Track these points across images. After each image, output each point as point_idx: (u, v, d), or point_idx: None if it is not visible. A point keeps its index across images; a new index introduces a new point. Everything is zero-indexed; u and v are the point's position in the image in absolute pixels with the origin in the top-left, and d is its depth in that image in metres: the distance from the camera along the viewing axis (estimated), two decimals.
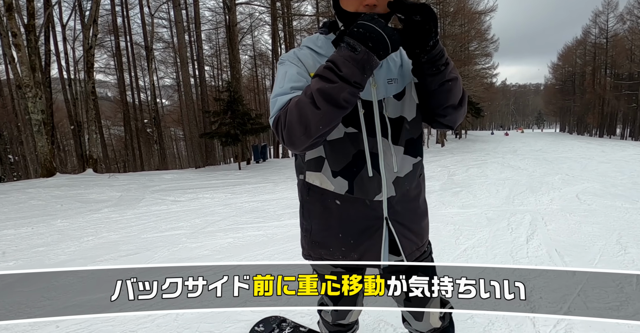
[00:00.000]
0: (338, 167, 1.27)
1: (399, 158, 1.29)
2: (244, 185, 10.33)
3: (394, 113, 1.27)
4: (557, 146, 25.14)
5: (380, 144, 1.25)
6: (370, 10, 1.14)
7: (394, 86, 1.28)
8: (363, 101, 1.22)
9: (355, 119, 1.23)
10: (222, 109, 14.23)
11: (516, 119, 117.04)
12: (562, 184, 8.56)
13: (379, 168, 1.26)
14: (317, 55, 1.26)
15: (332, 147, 1.26)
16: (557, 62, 58.15)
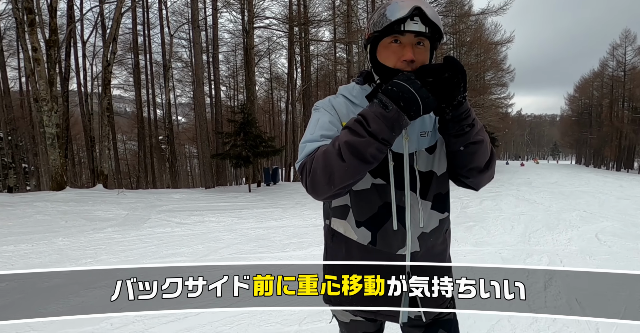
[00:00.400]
0: (363, 217, 1.26)
1: (425, 212, 1.27)
2: (251, 209, 10.18)
3: (425, 167, 1.27)
4: (573, 179, 24.55)
5: (407, 198, 1.24)
6: (408, 66, 1.16)
7: (426, 139, 1.27)
8: (394, 153, 1.22)
9: (384, 171, 1.22)
10: (235, 131, 14.25)
11: (531, 149, 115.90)
12: (580, 221, 8.22)
13: (404, 222, 1.24)
14: (351, 104, 1.28)
15: (358, 197, 1.26)
16: (574, 93, 57.83)
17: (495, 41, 28.01)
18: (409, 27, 1.14)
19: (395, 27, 1.15)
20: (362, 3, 25.04)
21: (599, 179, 25.35)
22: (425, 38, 1.19)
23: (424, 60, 1.19)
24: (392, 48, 1.19)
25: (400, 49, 1.18)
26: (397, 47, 1.18)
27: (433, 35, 1.19)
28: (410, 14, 1.12)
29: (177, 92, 36.42)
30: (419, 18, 1.14)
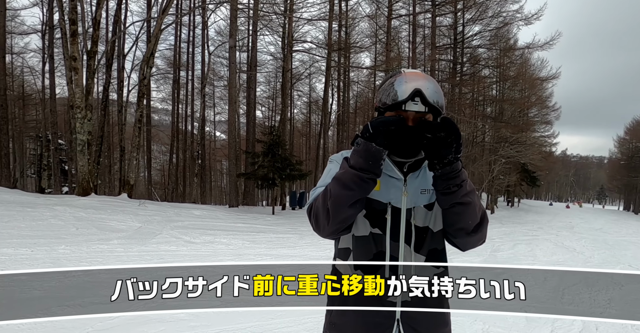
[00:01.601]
0: (359, 261, 1.36)
1: (418, 265, 1.34)
2: (268, 233, 9.84)
3: (422, 222, 1.35)
4: (619, 227, 22.80)
5: (401, 250, 1.32)
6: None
7: (426, 196, 1.36)
8: (393, 207, 1.33)
9: (382, 222, 1.33)
10: (263, 152, 14.10)
11: (575, 191, 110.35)
12: (624, 278, 7.33)
13: (397, 272, 1.31)
14: None
15: (357, 242, 1.36)
16: (624, 136, 54.80)
17: (540, 77, 27.02)
18: (410, 107, 1.25)
19: (398, 106, 1.27)
20: (404, 32, 24.99)
21: None
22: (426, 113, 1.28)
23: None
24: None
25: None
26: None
27: (434, 111, 1.28)
28: (411, 96, 1.24)
29: (217, 110, 37.42)
30: (420, 99, 1.24)
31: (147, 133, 18.61)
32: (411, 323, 1.34)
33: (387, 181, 1.34)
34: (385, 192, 1.33)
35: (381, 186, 1.32)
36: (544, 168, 55.07)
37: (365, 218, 1.34)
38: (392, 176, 1.34)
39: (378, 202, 1.33)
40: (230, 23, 14.63)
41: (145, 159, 24.25)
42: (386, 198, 1.33)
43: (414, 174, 1.36)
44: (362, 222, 1.35)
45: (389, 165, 1.34)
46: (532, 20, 20.24)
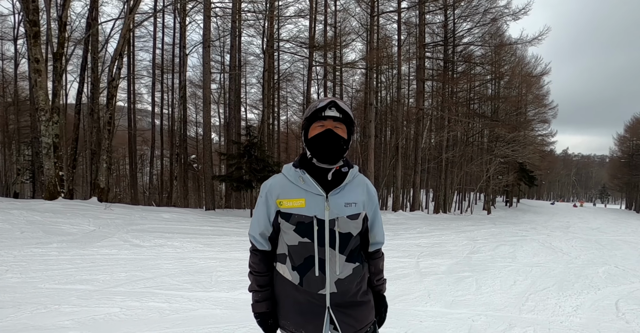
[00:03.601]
0: (294, 264, 1.66)
1: (341, 263, 1.64)
2: (232, 236, 9.30)
3: (344, 229, 1.64)
4: (618, 226, 22.12)
5: (327, 253, 1.61)
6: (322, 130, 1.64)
7: (350, 209, 1.65)
8: (318, 219, 1.60)
9: (309, 232, 1.60)
10: (239, 153, 13.57)
11: (577, 191, 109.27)
12: (604, 280, 6.77)
13: (324, 270, 1.62)
14: (288, 182, 1.67)
15: (291, 249, 1.66)
16: (624, 133, 54.06)
17: (530, 73, 26.48)
18: (327, 113, 1.61)
19: (318, 114, 1.62)
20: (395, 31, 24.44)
21: None
22: (341, 122, 1.64)
23: (343, 135, 1.64)
24: (317, 129, 1.63)
25: (322, 128, 1.62)
26: (321, 127, 1.62)
27: (346, 120, 1.65)
28: (327, 104, 1.61)
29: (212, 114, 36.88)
30: (335, 108, 1.62)
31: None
32: (339, 308, 1.65)
33: (312, 199, 1.61)
34: (311, 207, 1.59)
35: (306, 203, 1.60)
36: (545, 167, 54.41)
37: (295, 232, 1.61)
38: (315, 193, 1.61)
39: (305, 217, 1.59)
40: (204, 23, 14.18)
41: (140, 165, 23.97)
42: (312, 212, 1.59)
43: (334, 191, 1.62)
44: (292, 235, 1.62)
45: (312, 185, 1.61)
46: (520, 15, 19.75)
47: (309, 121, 1.64)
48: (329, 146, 1.59)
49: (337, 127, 1.61)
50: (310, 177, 1.62)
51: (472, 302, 4.75)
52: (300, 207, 1.59)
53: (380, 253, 1.85)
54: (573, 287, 6.06)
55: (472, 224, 18.36)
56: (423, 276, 6.21)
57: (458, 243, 10.76)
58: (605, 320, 4.39)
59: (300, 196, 1.61)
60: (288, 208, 1.60)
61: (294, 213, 1.59)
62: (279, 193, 1.64)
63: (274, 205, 1.64)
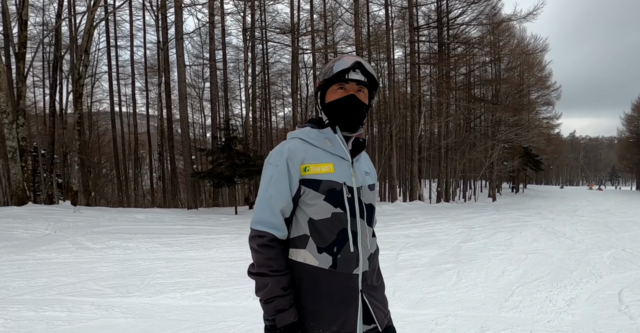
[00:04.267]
0: (324, 244, 1.38)
1: (370, 237, 1.48)
2: (200, 235, 8.60)
3: (367, 199, 1.49)
4: (629, 207, 21.15)
5: (359, 224, 1.42)
6: (346, 94, 1.44)
7: (369, 178, 1.55)
8: (348, 187, 1.41)
9: (341, 201, 1.39)
10: (218, 148, 12.83)
11: (586, 174, 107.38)
12: (608, 266, 5.96)
13: (357, 245, 1.41)
14: (310, 145, 1.43)
15: (318, 226, 1.38)
16: (632, 113, 52.51)
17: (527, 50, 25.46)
18: (352, 76, 1.42)
19: (341, 76, 1.42)
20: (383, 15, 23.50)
21: None
22: (364, 86, 1.46)
23: (365, 101, 1.47)
24: (338, 92, 1.44)
25: (344, 92, 1.44)
26: (342, 91, 1.44)
27: (370, 84, 1.48)
28: (352, 66, 1.41)
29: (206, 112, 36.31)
30: (360, 70, 1.43)
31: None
32: (368, 291, 1.44)
33: (339, 163, 1.43)
34: (340, 173, 1.41)
35: (335, 168, 1.41)
36: (551, 151, 53.13)
37: (326, 201, 1.37)
38: (342, 157, 1.44)
39: (336, 183, 1.39)
40: (175, 14, 13.42)
41: (139, 167, 23.33)
42: (341, 179, 1.40)
43: (355, 157, 1.48)
44: (322, 206, 1.37)
45: (340, 147, 1.45)
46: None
47: (327, 81, 1.45)
48: (352, 113, 1.44)
49: (360, 91, 1.46)
50: (341, 137, 1.45)
51: (443, 300, 3.97)
52: (329, 172, 1.39)
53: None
54: (571, 276, 5.26)
55: (472, 211, 17.51)
56: (397, 270, 5.45)
57: (451, 231, 9.97)
58: (603, 315, 3.59)
59: (328, 161, 1.41)
60: (315, 173, 1.38)
61: (324, 180, 1.38)
62: (303, 157, 1.40)
63: (298, 172, 1.39)
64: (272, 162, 1.41)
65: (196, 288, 4.39)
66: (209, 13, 15.30)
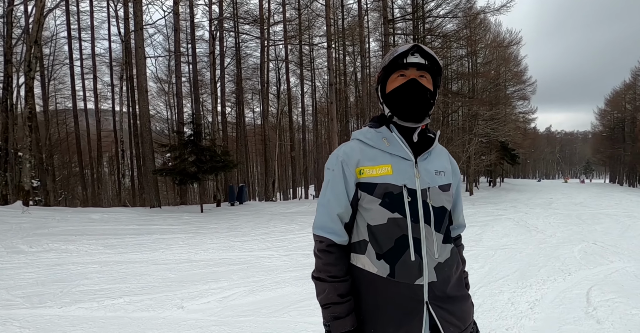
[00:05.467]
0: (382, 250, 1.28)
1: (438, 243, 1.31)
2: (153, 235, 8.05)
3: (437, 202, 1.32)
4: (602, 200, 21.39)
5: (422, 230, 1.28)
6: (406, 80, 1.33)
7: (441, 178, 1.36)
8: (408, 189, 1.28)
9: (400, 206, 1.27)
10: (181, 143, 12.20)
11: (562, 167, 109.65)
12: (579, 262, 5.67)
13: (421, 253, 1.27)
14: (366, 146, 1.35)
15: (375, 231, 1.29)
16: (605, 107, 53.56)
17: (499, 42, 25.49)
18: (410, 59, 1.31)
19: (399, 61, 1.31)
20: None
21: (632, 199, 22.00)
22: (426, 71, 1.33)
23: (429, 86, 1.33)
24: (398, 80, 1.33)
25: (404, 78, 1.32)
26: (402, 78, 1.32)
27: (432, 67, 1.33)
28: (410, 49, 1.31)
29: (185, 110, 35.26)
30: (419, 53, 1.31)
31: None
32: (438, 303, 1.29)
33: (399, 164, 1.31)
34: (399, 175, 1.29)
35: (393, 169, 1.30)
36: (528, 145, 53.80)
37: (382, 206, 1.27)
38: (403, 157, 1.31)
39: (393, 186, 1.28)
40: (134, 2, 12.65)
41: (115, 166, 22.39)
42: (400, 181, 1.29)
43: (422, 156, 1.34)
44: (377, 211, 1.28)
45: (399, 146, 1.32)
46: None
47: (386, 71, 1.35)
48: (414, 99, 1.30)
49: (422, 76, 1.33)
50: (399, 136, 1.33)
51: None
52: (386, 174, 1.28)
53: (461, 240, 1.57)
54: (538, 273, 4.93)
55: None
56: None
57: None
58: (568, 320, 3.23)
59: (386, 162, 1.30)
60: (371, 176, 1.28)
61: (379, 183, 1.27)
62: (358, 159, 1.32)
63: (354, 176, 1.31)
64: (329, 166, 1.36)
65: (120, 295, 3.89)
66: (173, 1, 14.58)
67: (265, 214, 12.18)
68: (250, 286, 4.23)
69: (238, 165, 15.59)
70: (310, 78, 29.39)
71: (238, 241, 7.26)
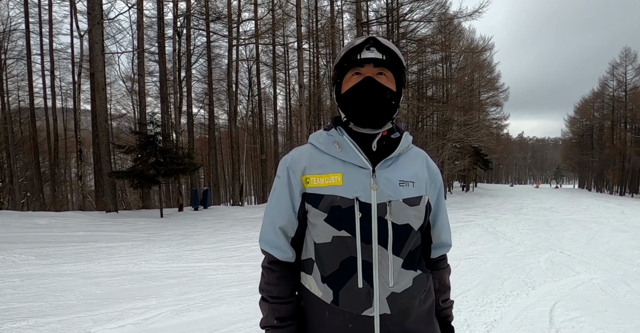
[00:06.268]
0: (325, 273, 1.10)
1: (395, 269, 1.09)
2: (100, 242, 7.43)
3: (400, 219, 1.09)
4: (571, 205, 21.75)
5: (375, 253, 1.07)
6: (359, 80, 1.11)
7: (406, 189, 1.12)
8: (361, 203, 1.07)
9: (349, 223, 1.06)
10: (139, 145, 11.55)
11: (534, 173, 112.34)
12: (544, 273, 5.41)
13: (371, 280, 1.07)
14: (317, 151, 1.16)
15: (320, 251, 1.11)
16: (574, 115, 55.02)
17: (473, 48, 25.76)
18: (365, 55, 1.11)
19: (352, 57, 1.11)
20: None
21: (600, 204, 22.48)
22: (386, 68, 1.12)
23: (390, 86, 1.12)
24: (352, 79, 1.12)
25: (359, 77, 1.11)
26: (357, 77, 1.12)
27: (393, 63, 1.12)
28: (365, 42, 1.11)
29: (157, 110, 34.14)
30: (375, 47, 1.11)
31: None
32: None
33: (353, 173, 1.09)
34: (350, 186, 1.07)
35: (344, 179, 1.08)
36: (500, 151, 54.75)
37: (327, 222, 1.07)
38: (358, 165, 1.10)
39: (342, 199, 1.06)
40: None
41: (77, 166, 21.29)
42: (352, 193, 1.07)
43: (383, 163, 1.11)
44: (322, 227, 1.08)
45: (353, 153, 1.11)
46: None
47: (340, 70, 1.14)
48: (370, 101, 1.09)
49: (380, 74, 1.11)
50: (350, 140, 1.12)
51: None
52: (335, 185, 1.07)
53: (447, 262, 1.27)
54: (501, 287, 4.62)
55: None
56: None
57: None
58: None
59: (336, 170, 1.09)
60: (317, 186, 1.08)
61: (326, 194, 1.06)
62: (305, 165, 1.13)
63: (299, 185, 1.12)
64: (278, 173, 1.20)
65: (25, 317, 3.35)
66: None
67: (228, 219, 11.64)
68: (180, 304, 3.75)
69: (201, 168, 14.97)
70: (284, 80, 28.96)
71: (188, 250, 6.73)
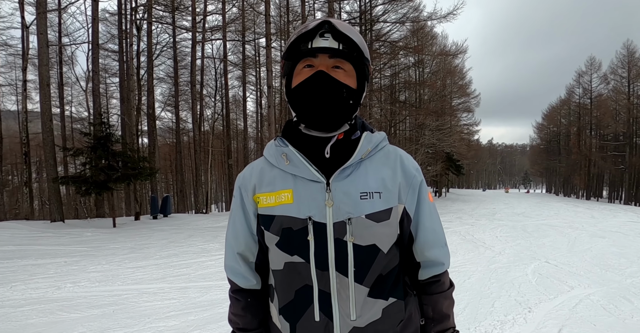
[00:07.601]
0: (280, 303, 0.97)
1: (358, 299, 0.92)
2: (28, 259, 6.40)
3: (364, 239, 0.91)
4: (541, 209, 22.00)
5: (333, 281, 0.91)
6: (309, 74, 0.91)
7: (370, 203, 0.92)
8: (315, 223, 0.90)
9: (302, 246, 0.91)
10: (89, 147, 10.45)
11: (503, 178, 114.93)
12: (536, 289, 4.78)
13: (330, 312, 0.92)
14: (268, 165, 1.00)
15: (276, 278, 0.98)
16: (542, 121, 56.37)
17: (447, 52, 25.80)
18: (317, 43, 0.89)
19: (302, 46, 0.90)
20: None
21: (569, 209, 22.77)
22: (345, 59, 0.92)
23: (348, 81, 0.92)
24: (303, 72, 0.92)
25: (311, 70, 0.91)
26: (309, 69, 0.92)
27: (352, 53, 0.91)
28: (316, 27, 0.88)
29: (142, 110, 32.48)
30: (330, 34, 0.89)
31: None
32: None
33: (304, 188, 0.92)
34: (301, 204, 0.91)
35: (295, 196, 0.91)
36: (471, 156, 55.40)
37: (278, 247, 0.93)
38: (309, 179, 0.92)
39: (293, 219, 0.90)
40: None
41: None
42: (304, 212, 0.91)
43: (339, 174, 0.92)
44: (275, 252, 0.95)
45: (301, 164, 0.93)
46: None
47: (291, 60, 0.93)
48: (321, 99, 0.89)
49: (336, 68, 0.91)
50: (296, 151, 0.94)
51: None
52: (285, 203, 0.92)
53: (444, 284, 1.01)
54: (493, 310, 3.93)
55: None
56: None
57: None
58: None
59: (286, 186, 0.93)
60: (268, 206, 0.94)
61: (277, 215, 0.92)
62: (254, 183, 0.98)
63: (252, 205, 0.98)
64: (234, 192, 1.04)
65: None
66: None
67: (188, 229, 10.65)
68: None
69: (160, 174, 13.92)
70: (255, 83, 28.08)
71: (130, 268, 5.78)
